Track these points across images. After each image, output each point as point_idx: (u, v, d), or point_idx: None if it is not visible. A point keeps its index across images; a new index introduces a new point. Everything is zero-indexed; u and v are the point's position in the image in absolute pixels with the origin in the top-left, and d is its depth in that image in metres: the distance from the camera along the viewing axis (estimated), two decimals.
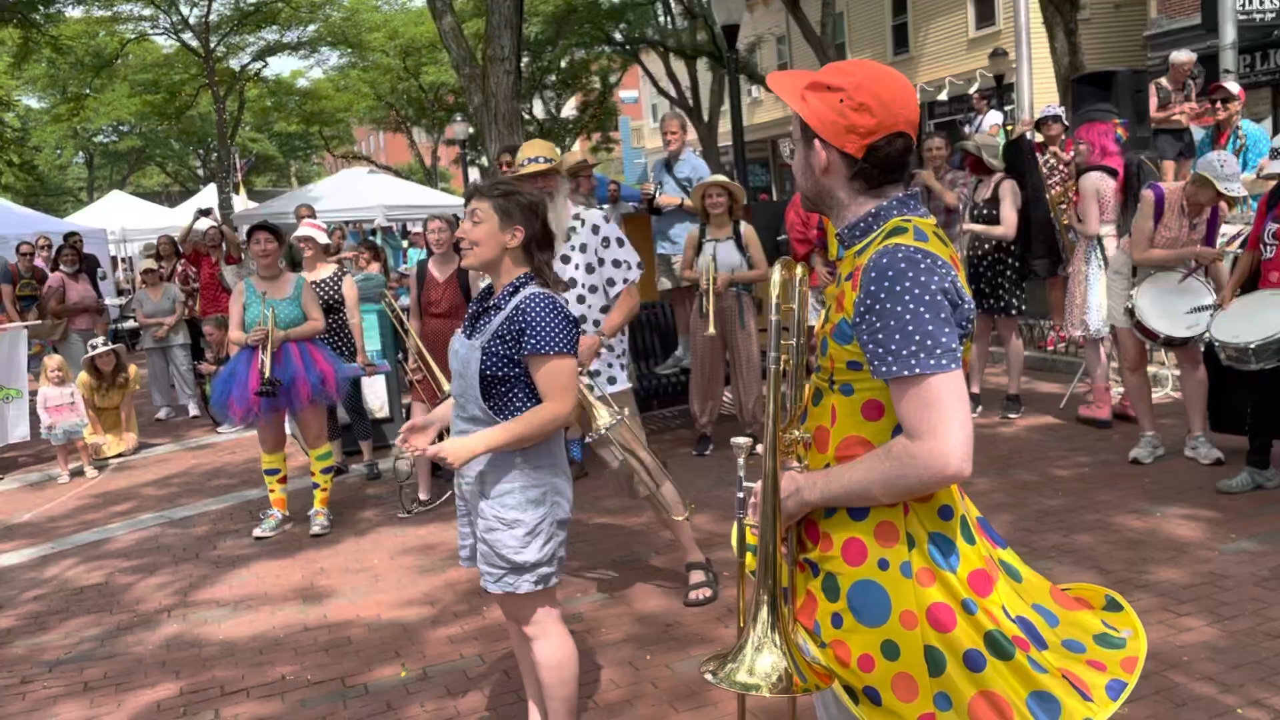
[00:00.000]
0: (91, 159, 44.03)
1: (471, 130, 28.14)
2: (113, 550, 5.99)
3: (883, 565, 1.80)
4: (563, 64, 31.63)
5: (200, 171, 42.85)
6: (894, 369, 1.72)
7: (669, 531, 4.78)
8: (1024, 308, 7.05)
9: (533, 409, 2.87)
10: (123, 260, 22.86)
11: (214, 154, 34.43)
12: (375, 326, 7.84)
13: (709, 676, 1.80)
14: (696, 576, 4.49)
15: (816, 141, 1.86)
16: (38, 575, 5.64)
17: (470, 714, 3.61)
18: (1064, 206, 7.48)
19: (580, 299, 4.49)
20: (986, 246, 6.91)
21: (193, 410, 10.36)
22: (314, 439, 6.03)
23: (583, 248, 4.50)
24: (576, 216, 4.54)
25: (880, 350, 1.73)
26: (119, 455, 8.51)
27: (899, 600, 1.79)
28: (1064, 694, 1.78)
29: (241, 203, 24.15)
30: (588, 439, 4.14)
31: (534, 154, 4.48)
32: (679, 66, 29.00)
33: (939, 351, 1.70)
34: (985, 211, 6.91)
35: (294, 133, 42.00)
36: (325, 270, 6.77)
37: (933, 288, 1.72)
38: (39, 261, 11.85)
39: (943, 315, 1.72)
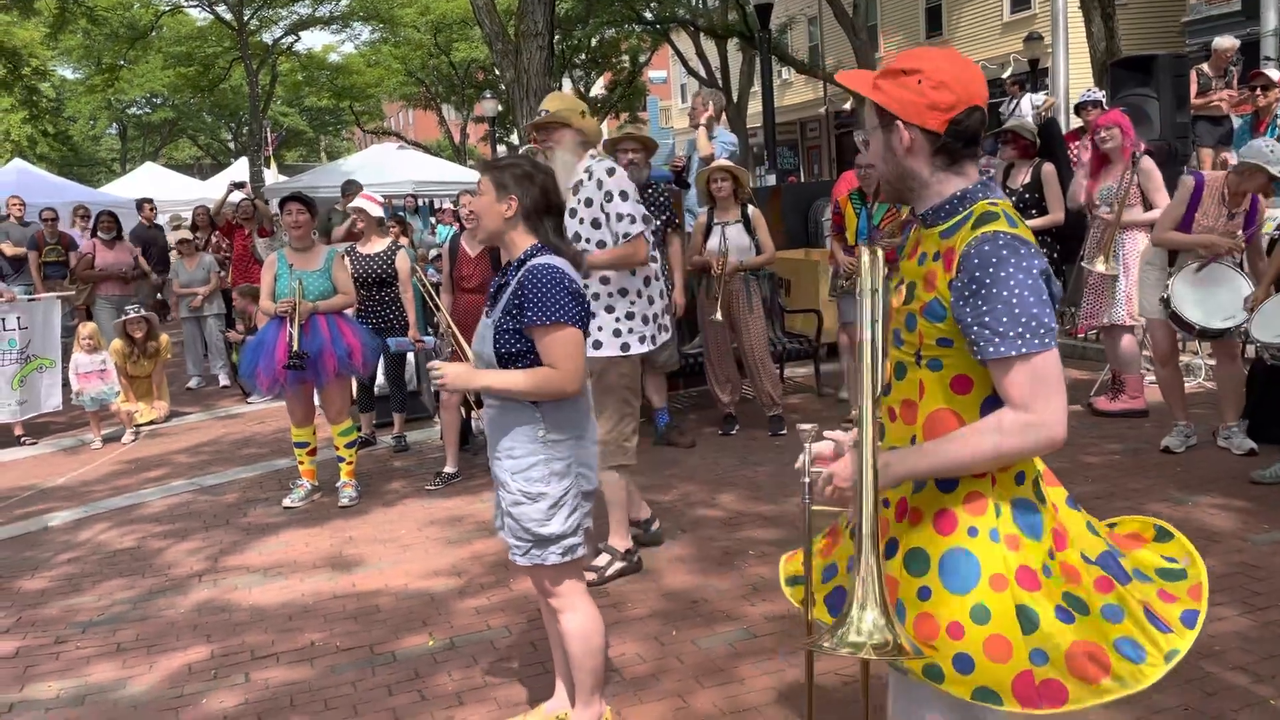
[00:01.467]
0: (125, 130, 44.37)
1: (500, 108, 28.17)
2: (145, 515, 6.07)
3: (972, 532, 1.90)
4: (593, 42, 31.51)
5: (231, 145, 43.11)
6: (1002, 349, 1.81)
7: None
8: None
9: (543, 369, 2.87)
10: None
11: (245, 127, 34.63)
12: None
13: (823, 645, 1.80)
14: (602, 558, 4.50)
15: (898, 124, 1.93)
16: (71, 538, 5.73)
17: (496, 685, 3.64)
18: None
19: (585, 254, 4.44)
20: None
21: (224, 380, 10.46)
22: (336, 414, 6.06)
23: (587, 202, 4.38)
24: (587, 170, 4.41)
25: (987, 333, 1.82)
26: (150, 423, 8.61)
27: (989, 565, 1.88)
28: (1145, 633, 1.88)
29: (272, 176, 24.26)
30: None
31: (541, 107, 4.47)
32: (709, 46, 28.84)
33: (1042, 331, 1.81)
34: (1028, 197, 6.85)
35: (325, 107, 42.18)
36: (380, 244, 6.82)
37: (1034, 272, 1.82)
38: (75, 230, 11.99)
39: (1044, 297, 1.83)
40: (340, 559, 5.06)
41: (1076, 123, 8.78)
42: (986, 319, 1.82)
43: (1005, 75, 20.00)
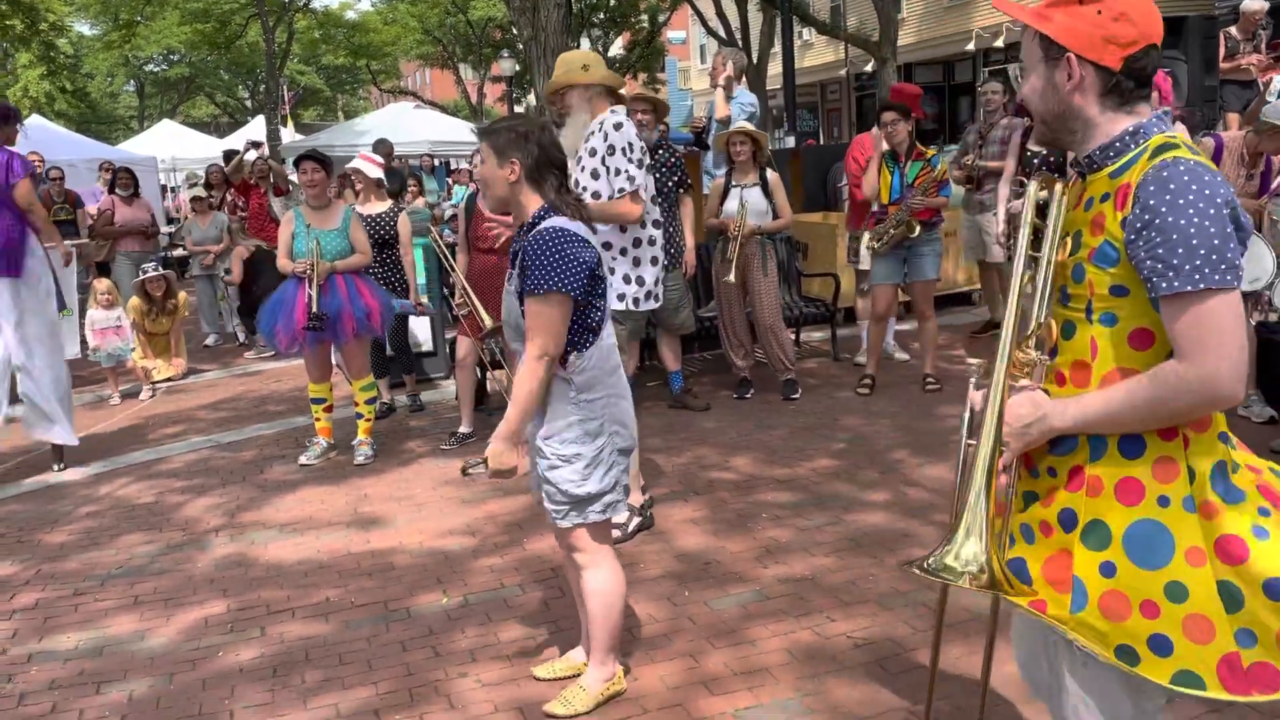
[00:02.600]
0: (142, 87, 44.30)
1: (518, 67, 27.95)
2: (163, 471, 6.12)
3: (1163, 502, 1.73)
4: (611, 1, 31.18)
5: (248, 103, 43.00)
6: (1175, 284, 1.64)
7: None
8: None
9: (520, 385, 2.86)
10: (172, 189, 23.08)
11: (262, 85, 34.49)
12: (420, 261, 7.87)
13: (915, 570, 1.74)
14: (621, 515, 4.46)
15: (1069, 58, 1.78)
16: (91, 493, 5.78)
17: (510, 642, 3.67)
18: None
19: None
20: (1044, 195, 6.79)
21: (241, 336, 10.51)
22: (358, 371, 6.08)
23: (592, 152, 4.35)
24: (599, 121, 4.37)
25: (1160, 266, 1.66)
26: (168, 380, 8.66)
27: (1183, 537, 1.71)
28: None
29: (289, 135, 24.23)
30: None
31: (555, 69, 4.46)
32: (729, 6, 28.47)
33: (1223, 266, 1.64)
34: (1051, 160, 6.78)
35: (341, 66, 42.00)
36: (380, 205, 6.78)
37: (1218, 200, 1.65)
38: (98, 186, 11.99)
39: (1228, 229, 1.65)
40: (356, 517, 5.09)
41: None
42: (1160, 251, 1.65)
43: None
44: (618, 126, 4.31)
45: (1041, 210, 1.91)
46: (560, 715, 3.11)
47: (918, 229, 6.43)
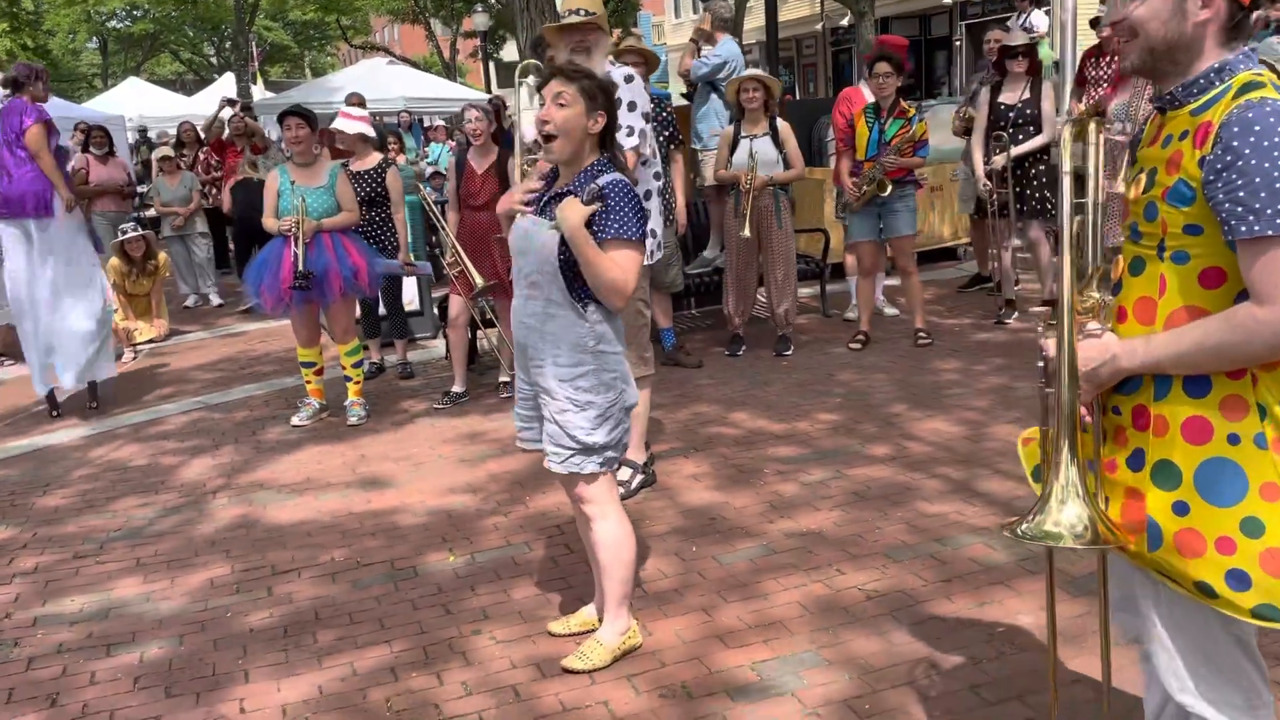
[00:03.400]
0: (105, 44, 43.28)
1: (491, 22, 27.54)
2: (155, 433, 6.06)
3: (1233, 440, 1.73)
4: None
5: (213, 60, 42.13)
6: (1255, 228, 1.63)
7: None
8: (1053, 212, 6.94)
9: (610, 260, 2.85)
10: (140, 147, 22.63)
11: (228, 42, 33.82)
12: (407, 219, 7.76)
13: (1009, 534, 1.74)
14: (624, 472, 4.48)
15: None
16: (83, 455, 5.71)
17: (521, 599, 3.67)
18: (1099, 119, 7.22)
19: None
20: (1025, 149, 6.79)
21: (215, 300, 10.39)
22: (343, 334, 6.01)
23: None
24: (606, 75, 4.35)
25: (1240, 209, 1.64)
26: (150, 341, 8.55)
27: (1256, 473, 1.71)
28: None
29: (260, 92, 23.79)
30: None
31: (575, 5, 4.31)
32: None
33: None
34: (1028, 113, 6.78)
35: (310, 21, 41.12)
36: (369, 162, 6.66)
37: None
38: (70, 143, 11.72)
39: None
40: (355, 477, 5.06)
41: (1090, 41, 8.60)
42: (1241, 193, 1.63)
43: None
44: (628, 79, 4.26)
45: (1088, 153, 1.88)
46: (579, 670, 3.13)
47: (889, 188, 6.43)
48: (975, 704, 2.85)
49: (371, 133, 6.78)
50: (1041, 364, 1.92)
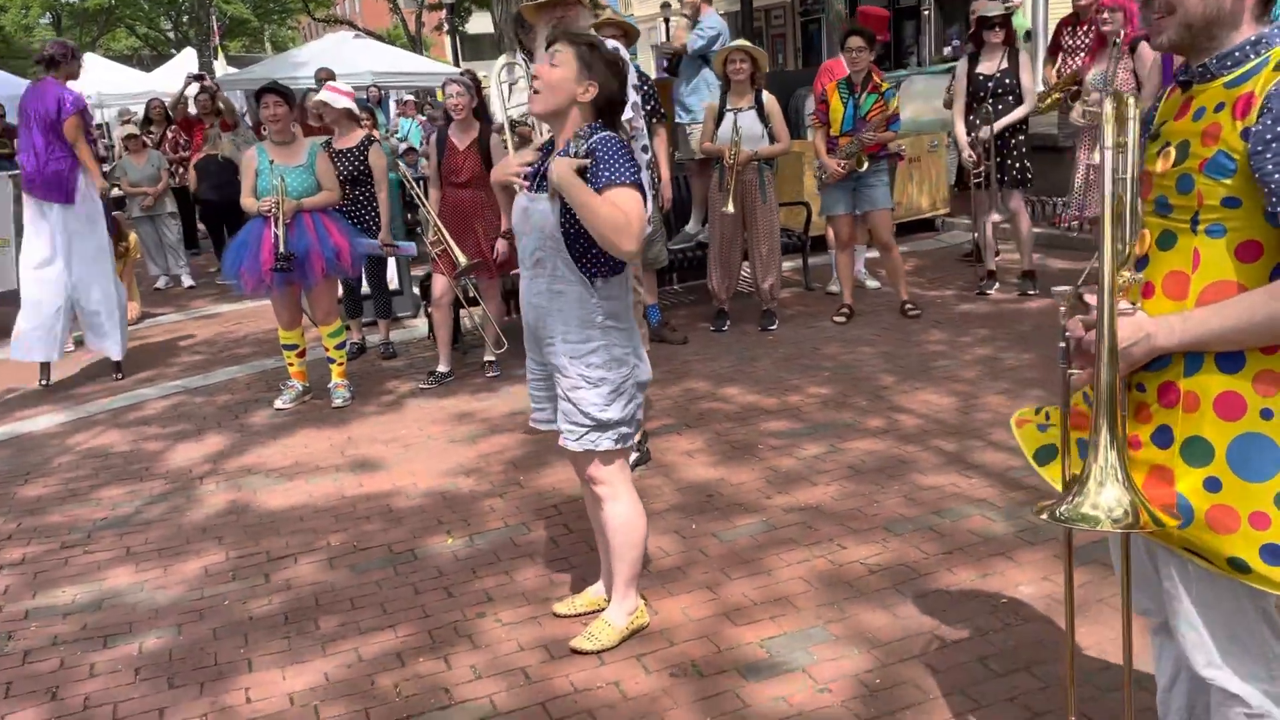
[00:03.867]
0: (59, 19, 42.32)
1: None
2: (137, 418, 5.96)
3: (1266, 415, 1.72)
4: None
5: (170, 34, 41.29)
6: None
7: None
8: (1032, 181, 6.95)
9: (607, 202, 2.76)
10: (99, 126, 22.18)
11: (185, 16, 33.16)
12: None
13: (1044, 517, 1.73)
14: None
15: None
16: (63, 443, 5.61)
17: (523, 581, 3.65)
18: (1075, 88, 7.16)
19: None
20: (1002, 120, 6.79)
21: (186, 281, 10.23)
22: (324, 315, 5.92)
23: None
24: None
25: None
26: None
27: None
28: None
29: (222, 68, 23.36)
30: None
31: None
32: None
33: None
34: (1007, 83, 6.78)
35: None
36: (352, 139, 6.54)
37: None
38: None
39: None
40: (345, 460, 5.01)
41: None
42: None
43: None
44: (615, 53, 4.19)
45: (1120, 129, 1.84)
46: (588, 650, 3.12)
47: (866, 164, 6.42)
48: (985, 676, 2.87)
49: (357, 109, 6.67)
50: (1063, 345, 1.88)
